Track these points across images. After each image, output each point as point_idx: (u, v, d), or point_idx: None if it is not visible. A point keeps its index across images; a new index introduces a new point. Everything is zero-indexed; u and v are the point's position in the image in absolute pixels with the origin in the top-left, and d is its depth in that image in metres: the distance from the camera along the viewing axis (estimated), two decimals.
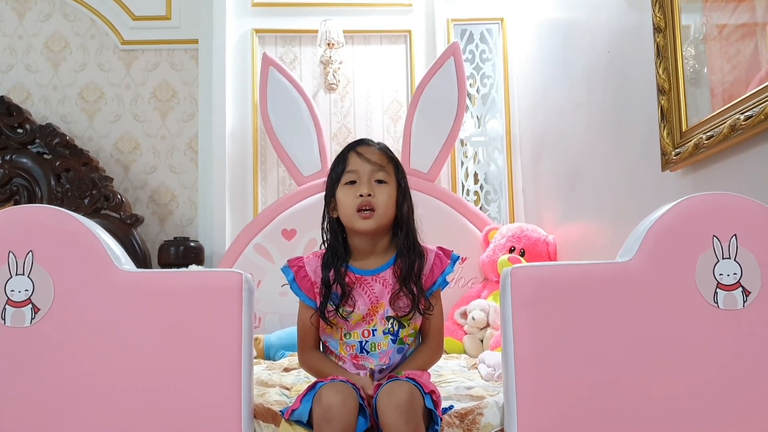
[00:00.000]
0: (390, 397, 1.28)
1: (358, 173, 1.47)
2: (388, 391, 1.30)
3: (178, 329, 1.28)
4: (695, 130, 1.71)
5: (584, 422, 1.27)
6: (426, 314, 1.50)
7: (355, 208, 1.46)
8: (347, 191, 1.48)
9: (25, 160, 3.14)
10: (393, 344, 1.48)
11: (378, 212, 1.46)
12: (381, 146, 1.54)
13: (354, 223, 1.47)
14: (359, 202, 1.45)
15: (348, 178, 1.48)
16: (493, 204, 3.37)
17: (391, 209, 1.49)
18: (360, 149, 1.51)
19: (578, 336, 1.29)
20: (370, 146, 1.53)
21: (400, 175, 1.52)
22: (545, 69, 2.95)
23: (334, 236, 1.53)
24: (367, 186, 1.46)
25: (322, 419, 1.28)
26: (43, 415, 1.25)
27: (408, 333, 1.50)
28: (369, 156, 1.48)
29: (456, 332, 2.69)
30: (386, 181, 1.49)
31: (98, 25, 3.41)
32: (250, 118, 3.36)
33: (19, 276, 1.27)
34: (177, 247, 3.06)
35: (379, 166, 1.48)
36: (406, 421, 1.26)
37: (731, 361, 1.28)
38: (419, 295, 1.47)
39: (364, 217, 1.45)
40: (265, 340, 2.66)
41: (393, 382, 1.33)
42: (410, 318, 1.49)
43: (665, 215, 1.33)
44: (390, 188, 1.49)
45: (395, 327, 1.49)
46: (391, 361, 1.48)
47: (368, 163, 1.47)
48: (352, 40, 3.45)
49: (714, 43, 1.68)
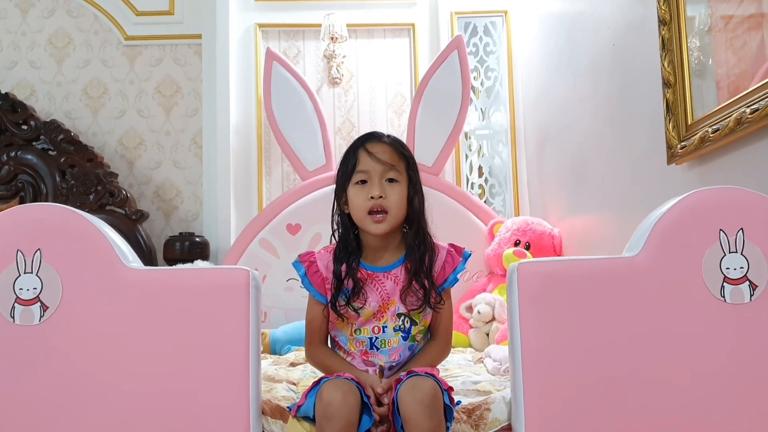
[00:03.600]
0: (414, 392, 1.28)
1: (369, 173, 1.45)
2: (411, 385, 1.30)
3: (186, 326, 1.29)
4: (701, 123, 1.70)
5: (592, 417, 1.28)
6: (437, 309, 1.49)
7: (366, 210, 1.44)
8: (358, 191, 1.45)
9: (30, 157, 3.15)
10: (404, 341, 1.47)
11: (390, 214, 1.44)
12: (391, 141, 1.51)
13: (366, 226, 1.46)
14: (371, 204, 1.43)
15: (358, 178, 1.46)
16: (498, 197, 3.37)
17: (403, 208, 1.47)
18: (370, 146, 1.47)
19: (585, 331, 1.29)
20: (380, 142, 1.48)
21: (411, 170, 1.50)
22: (549, 62, 2.95)
23: (346, 231, 1.51)
24: (379, 187, 1.44)
25: (322, 416, 1.28)
26: (53, 412, 1.26)
27: (419, 330, 1.50)
28: (380, 155, 1.45)
29: (461, 326, 2.69)
30: (397, 180, 1.46)
31: (101, 21, 3.41)
32: (254, 113, 3.37)
33: (27, 274, 1.27)
34: (182, 242, 3.07)
35: (390, 165, 1.45)
36: (429, 416, 1.26)
37: (738, 354, 1.28)
38: (430, 288, 1.46)
39: (377, 221, 1.44)
40: (271, 335, 2.67)
41: (415, 377, 1.32)
42: (421, 313, 1.48)
43: (672, 209, 1.33)
44: (401, 186, 1.47)
45: (407, 324, 1.48)
46: (401, 358, 1.47)
47: (379, 163, 1.44)
48: (355, 34, 3.44)
49: (720, 35, 1.67)
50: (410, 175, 1.49)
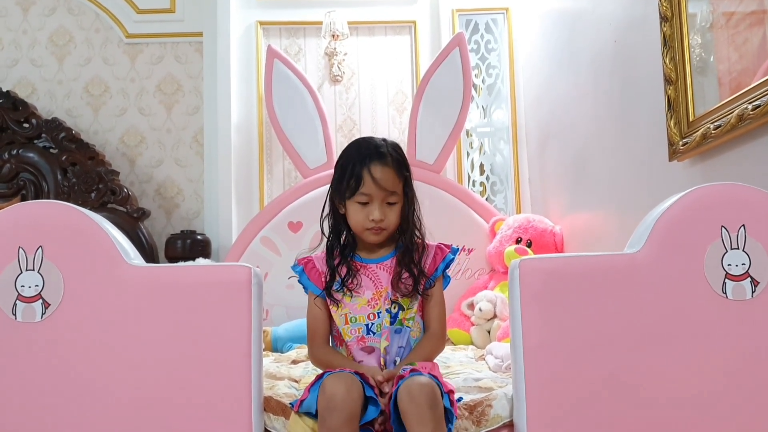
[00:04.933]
0: (411, 393, 1.28)
1: (371, 197, 1.50)
2: (410, 386, 1.30)
3: (188, 323, 1.29)
4: (702, 120, 1.70)
5: (594, 414, 1.28)
6: (424, 295, 1.54)
7: (365, 227, 1.52)
8: (359, 209, 1.52)
9: (32, 155, 3.15)
10: (392, 324, 1.51)
11: (388, 230, 1.54)
12: (394, 160, 1.53)
13: (364, 237, 1.55)
14: (371, 224, 1.51)
15: (360, 199, 1.51)
16: (500, 195, 3.37)
17: (398, 222, 1.55)
18: (374, 169, 1.50)
19: (587, 327, 1.29)
20: (384, 165, 1.51)
21: (407, 186, 1.56)
22: (551, 59, 2.94)
23: (339, 227, 1.58)
24: (380, 211, 1.50)
25: (325, 409, 1.28)
26: (54, 408, 1.26)
27: (406, 316, 1.53)
28: (383, 183, 1.49)
29: (463, 323, 2.69)
30: (396, 202, 1.54)
31: (102, 19, 3.41)
32: (255, 111, 3.36)
33: (29, 271, 1.28)
34: (184, 240, 3.07)
35: (391, 192, 1.51)
36: (428, 419, 1.26)
37: (740, 351, 1.28)
38: (419, 275, 1.53)
39: (375, 233, 1.52)
40: (272, 333, 2.67)
41: (414, 378, 1.32)
42: (410, 299, 1.53)
43: (673, 206, 1.33)
44: (399, 206, 1.54)
45: (395, 309, 1.53)
46: (391, 342, 1.50)
47: (382, 190, 1.50)
48: (356, 31, 3.44)
49: (721, 32, 1.67)
50: (406, 191, 1.56)
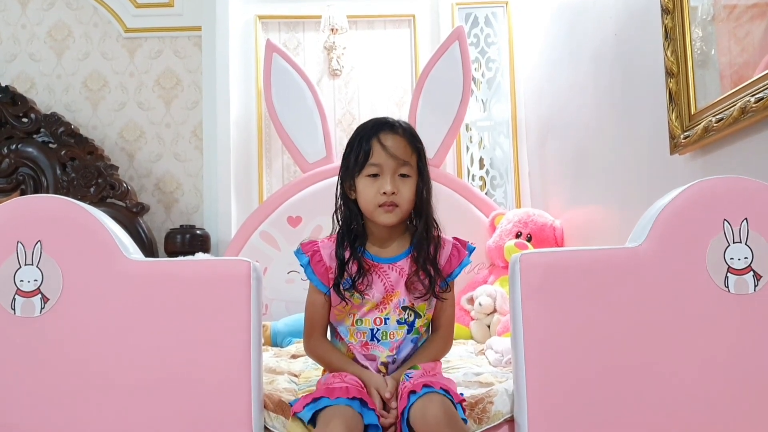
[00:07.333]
0: (426, 418, 1.24)
1: (382, 167, 1.41)
2: (424, 409, 1.26)
3: (187, 318, 1.28)
4: (704, 113, 1.69)
5: (595, 408, 1.27)
6: (441, 298, 1.48)
7: (377, 203, 1.42)
8: (369, 184, 1.43)
9: (31, 150, 3.14)
10: (408, 334, 1.46)
11: (401, 208, 1.43)
12: (406, 131, 1.46)
13: (375, 217, 1.44)
14: (382, 199, 1.41)
15: (370, 171, 1.42)
16: (499, 189, 3.36)
17: (412, 202, 1.45)
18: (384, 138, 1.42)
19: (588, 322, 1.29)
20: (395, 134, 1.44)
21: (422, 162, 1.47)
22: (551, 52, 2.93)
23: (351, 216, 1.48)
24: (391, 183, 1.41)
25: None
26: (54, 403, 1.26)
27: (422, 323, 1.49)
28: (394, 150, 1.41)
29: (463, 318, 2.69)
30: (409, 175, 1.44)
31: (101, 13, 3.40)
32: (254, 105, 3.36)
33: (28, 266, 1.27)
34: (183, 235, 3.06)
35: (403, 161, 1.42)
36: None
37: (742, 345, 1.28)
38: (436, 276, 1.45)
39: (387, 211, 1.42)
40: (272, 327, 2.67)
41: (428, 397, 1.28)
42: (425, 303, 1.47)
43: (675, 199, 1.32)
44: (412, 181, 1.45)
45: (411, 317, 1.47)
46: (401, 351, 1.46)
47: (392, 158, 1.41)
48: (355, 25, 3.43)
49: (723, 25, 1.66)
50: (420, 167, 1.47)
